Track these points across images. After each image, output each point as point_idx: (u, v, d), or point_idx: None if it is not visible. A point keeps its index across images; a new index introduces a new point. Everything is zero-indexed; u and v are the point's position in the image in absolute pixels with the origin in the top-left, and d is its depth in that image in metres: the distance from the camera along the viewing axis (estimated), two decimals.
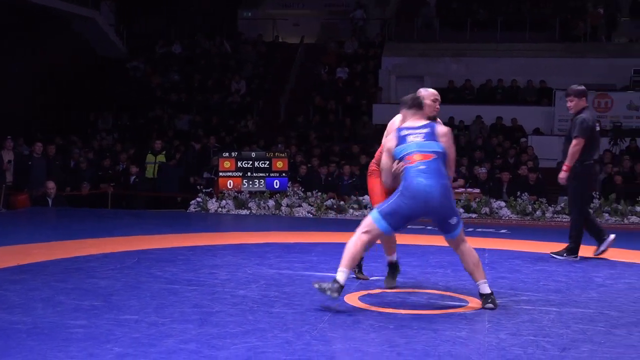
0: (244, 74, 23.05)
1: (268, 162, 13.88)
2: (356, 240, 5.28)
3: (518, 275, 6.92)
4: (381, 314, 5.18)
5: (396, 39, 23.98)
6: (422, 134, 5.39)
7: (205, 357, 4.03)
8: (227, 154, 14.10)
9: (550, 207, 12.95)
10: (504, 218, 12.90)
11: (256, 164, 13.88)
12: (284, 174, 13.93)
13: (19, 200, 13.16)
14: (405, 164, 5.31)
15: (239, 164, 13.87)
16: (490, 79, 21.57)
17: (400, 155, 5.38)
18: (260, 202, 13.29)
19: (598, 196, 13.27)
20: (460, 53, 22.70)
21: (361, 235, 5.29)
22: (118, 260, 7.27)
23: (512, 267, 7.39)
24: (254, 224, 11.84)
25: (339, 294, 5.15)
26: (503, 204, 13.22)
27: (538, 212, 12.88)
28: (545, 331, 4.77)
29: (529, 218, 12.91)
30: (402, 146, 5.39)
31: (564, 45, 22.53)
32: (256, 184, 13.81)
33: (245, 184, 13.79)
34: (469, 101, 20.96)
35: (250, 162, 13.88)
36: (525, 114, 19.96)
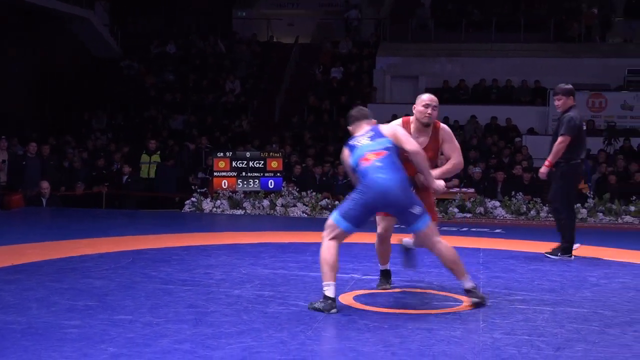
0: (238, 73, 23.03)
1: (263, 162, 13.88)
2: (326, 249, 5.26)
3: (512, 274, 6.93)
4: (376, 313, 5.19)
5: (391, 39, 23.98)
6: (368, 137, 5.46)
7: (200, 357, 4.03)
8: (222, 154, 14.09)
9: (544, 207, 12.96)
10: (498, 218, 12.92)
11: (251, 163, 13.87)
12: (278, 174, 13.93)
13: (13, 200, 13.13)
14: (362, 165, 5.35)
15: (234, 163, 13.87)
16: (484, 79, 21.59)
17: (356, 162, 5.41)
18: (254, 202, 13.29)
19: (592, 196, 13.31)
20: (455, 53, 22.71)
21: (328, 242, 5.27)
22: (113, 260, 7.26)
23: (507, 267, 7.41)
24: (248, 224, 11.84)
25: (336, 309, 5.13)
26: (498, 203, 13.24)
27: (532, 212, 12.90)
28: (539, 330, 4.78)
29: (523, 218, 12.93)
30: (355, 153, 5.44)
31: (558, 46, 22.56)
32: (251, 184, 13.81)
33: (239, 184, 13.78)
34: (464, 101, 20.98)
35: (245, 162, 13.88)
36: (520, 114, 19.98)
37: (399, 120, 5.88)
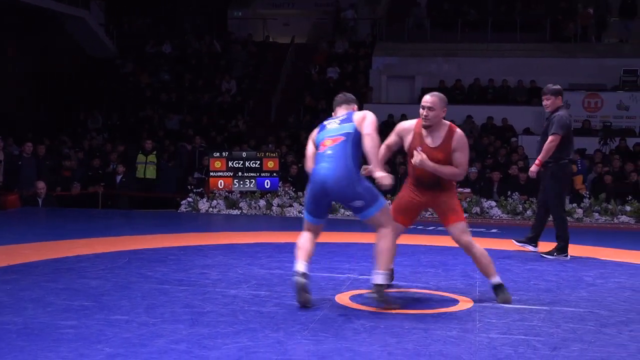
0: (234, 73, 23.03)
1: (259, 162, 13.87)
2: (300, 237, 5.49)
3: (509, 274, 6.93)
4: (372, 313, 5.18)
5: (387, 39, 23.99)
6: (339, 120, 5.48)
7: (197, 357, 4.02)
8: (218, 154, 14.08)
9: None
10: (494, 218, 12.93)
11: (247, 163, 13.86)
12: (275, 174, 13.92)
13: (9, 200, 13.10)
14: (319, 150, 5.41)
15: (230, 163, 13.86)
16: (481, 79, 21.61)
17: (317, 145, 5.48)
18: (251, 202, 13.29)
19: (588, 196, 13.32)
20: (451, 53, 22.73)
21: (302, 233, 5.49)
22: (109, 260, 7.25)
23: (503, 267, 7.41)
24: (245, 224, 11.83)
25: (301, 279, 5.23)
26: (494, 203, 13.25)
27: (529, 212, 12.91)
28: (535, 330, 4.78)
29: (519, 218, 12.95)
30: (319, 135, 5.51)
31: (554, 46, 22.60)
32: (247, 184, 13.80)
33: (236, 184, 13.78)
34: (460, 101, 20.97)
35: (241, 162, 13.87)
36: (516, 114, 20.00)
37: (414, 120, 5.85)
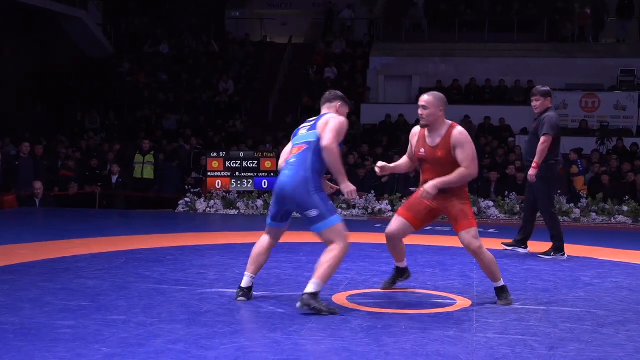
0: (231, 73, 23.02)
1: (256, 162, 13.86)
2: (257, 242, 5.58)
3: (506, 274, 6.92)
4: (369, 313, 5.19)
5: (384, 39, 23.98)
6: (309, 126, 5.46)
7: (194, 358, 4.03)
8: (215, 154, 14.08)
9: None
10: (492, 217, 12.92)
11: (244, 163, 13.85)
12: (272, 174, 13.89)
13: (6, 200, 13.09)
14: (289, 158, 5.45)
15: (227, 163, 13.85)
16: (478, 79, 21.61)
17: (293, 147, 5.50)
18: (248, 202, 13.28)
19: (585, 196, 13.32)
20: (448, 53, 22.73)
21: (261, 237, 5.60)
22: (106, 260, 7.25)
23: (501, 267, 7.34)
24: (242, 224, 11.83)
25: (243, 297, 5.44)
26: (491, 203, 13.25)
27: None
28: (533, 330, 4.78)
29: (517, 217, 12.92)
30: (294, 139, 5.52)
31: (551, 46, 22.60)
32: (244, 184, 13.79)
33: (233, 184, 13.77)
34: (457, 101, 20.95)
35: (239, 162, 13.86)
36: (513, 114, 20.00)
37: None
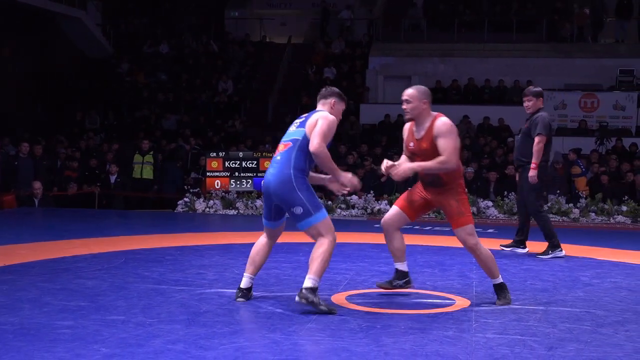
0: (231, 73, 23.02)
1: (255, 162, 13.86)
2: (256, 243, 5.58)
3: (505, 274, 6.91)
4: (368, 313, 5.19)
5: (383, 39, 23.98)
6: (299, 123, 5.47)
7: (193, 358, 4.02)
8: (215, 154, 14.08)
9: None
10: (491, 218, 12.93)
11: (244, 164, 13.86)
12: None
13: (5, 200, 13.09)
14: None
15: (227, 164, 13.86)
16: (477, 79, 21.61)
17: None
18: (247, 202, 13.28)
19: (584, 196, 13.33)
20: (447, 53, 22.73)
21: (259, 238, 5.59)
22: (105, 260, 7.25)
23: (499, 267, 7.38)
24: (241, 224, 11.83)
25: (242, 298, 5.46)
26: (490, 203, 13.25)
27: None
28: (532, 330, 4.79)
29: (515, 218, 12.91)
30: (285, 136, 5.53)
31: (550, 46, 22.61)
32: (244, 184, 13.80)
33: (232, 184, 13.77)
34: (456, 101, 20.99)
35: (238, 162, 13.87)
36: (512, 114, 19.93)
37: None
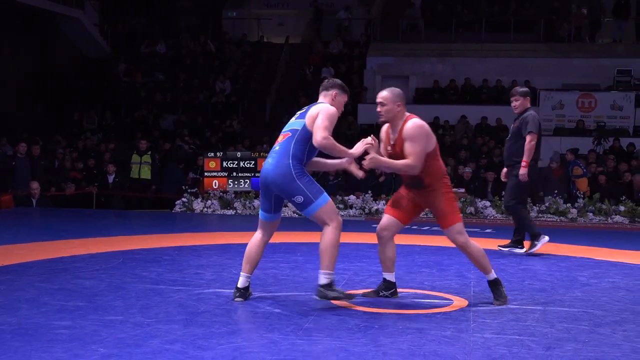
0: (228, 73, 23.02)
1: (253, 162, 13.86)
2: (250, 241, 5.58)
3: (503, 274, 6.93)
4: (366, 313, 5.19)
5: (381, 39, 24.00)
6: (299, 114, 5.50)
7: (191, 358, 4.02)
8: (212, 154, 14.08)
9: (534, 207, 12.99)
10: (488, 217, 12.93)
11: (241, 164, 13.86)
12: None
13: (2, 200, 13.08)
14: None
15: (224, 164, 13.85)
16: (475, 79, 21.62)
17: None
18: (245, 202, 13.28)
19: (582, 196, 13.34)
20: (445, 53, 22.75)
21: (254, 235, 5.59)
22: (103, 260, 7.25)
23: (497, 267, 7.40)
24: (239, 224, 11.82)
25: (240, 298, 5.43)
26: (488, 203, 13.26)
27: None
28: (530, 330, 4.79)
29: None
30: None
31: (548, 46, 22.63)
32: (242, 184, 13.80)
33: (230, 184, 13.77)
34: (454, 101, 21.02)
35: (236, 162, 13.86)
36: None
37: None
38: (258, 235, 5.57)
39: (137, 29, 26.10)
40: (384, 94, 5.53)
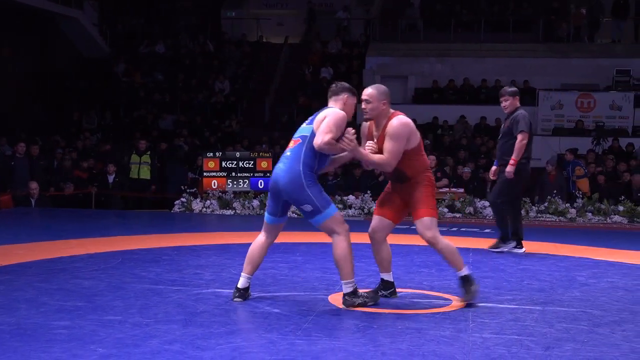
0: (227, 73, 23.02)
1: (252, 162, 13.87)
2: (253, 242, 5.56)
3: (502, 274, 6.94)
4: (365, 313, 5.19)
5: (380, 39, 24.01)
6: (308, 120, 5.47)
7: (190, 358, 4.02)
8: (211, 154, 14.08)
9: (533, 207, 13.00)
10: (487, 217, 12.93)
11: (240, 164, 13.86)
12: (268, 174, 13.88)
13: (2, 201, 13.07)
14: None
15: (223, 164, 13.86)
16: (474, 79, 21.62)
17: None
18: (244, 202, 13.28)
19: (581, 196, 13.35)
20: (444, 53, 22.75)
21: (258, 236, 5.56)
22: (102, 260, 7.24)
23: (496, 267, 7.42)
24: (238, 224, 11.82)
25: (240, 299, 5.43)
26: (487, 203, 13.24)
27: (521, 212, 12.90)
28: (529, 330, 4.79)
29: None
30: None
31: (547, 46, 22.64)
32: (240, 184, 13.80)
33: (229, 184, 13.78)
34: (453, 101, 21.02)
35: (235, 162, 13.87)
36: None
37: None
38: (262, 237, 5.56)
39: (137, 29, 26.09)
40: (369, 92, 5.50)
